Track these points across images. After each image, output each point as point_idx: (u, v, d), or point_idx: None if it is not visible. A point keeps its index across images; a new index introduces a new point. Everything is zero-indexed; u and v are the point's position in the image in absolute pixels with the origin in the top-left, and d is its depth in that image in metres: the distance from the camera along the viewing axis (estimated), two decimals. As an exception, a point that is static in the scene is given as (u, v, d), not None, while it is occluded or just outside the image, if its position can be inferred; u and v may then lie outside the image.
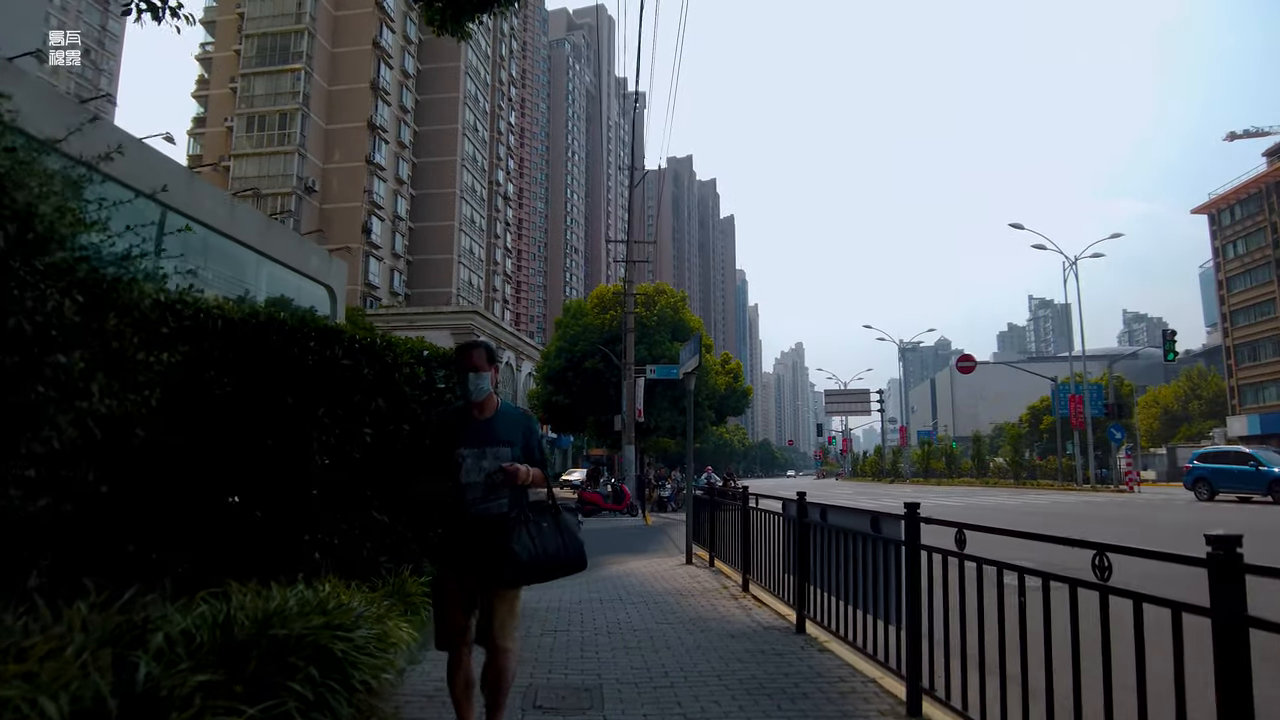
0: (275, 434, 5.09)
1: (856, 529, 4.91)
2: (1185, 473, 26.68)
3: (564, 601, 7.74)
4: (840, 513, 5.32)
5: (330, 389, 5.48)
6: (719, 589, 8.30)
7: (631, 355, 27.54)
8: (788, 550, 6.44)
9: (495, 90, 75.83)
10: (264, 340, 5.13)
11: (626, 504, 22.86)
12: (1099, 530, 14.93)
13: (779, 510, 6.75)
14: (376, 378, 5.75)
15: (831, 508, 5.50)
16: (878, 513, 4.63)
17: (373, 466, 5.68)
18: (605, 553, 13.48)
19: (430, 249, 61.95)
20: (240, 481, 4.96)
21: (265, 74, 53.67)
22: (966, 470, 54.09)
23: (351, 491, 5.53)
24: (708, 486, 14.09)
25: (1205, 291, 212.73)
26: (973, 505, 24.81)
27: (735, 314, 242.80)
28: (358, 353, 5.67)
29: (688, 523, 11.13)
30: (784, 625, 6.27)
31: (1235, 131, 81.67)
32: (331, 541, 5.25)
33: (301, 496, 5.16)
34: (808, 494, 6.26)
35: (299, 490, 5.18)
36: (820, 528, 5.61)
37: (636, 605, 7.39)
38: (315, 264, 24.85)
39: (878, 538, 4.56)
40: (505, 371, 51.22)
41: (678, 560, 11.16)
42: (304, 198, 52.31)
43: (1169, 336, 34.56)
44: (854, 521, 5.01)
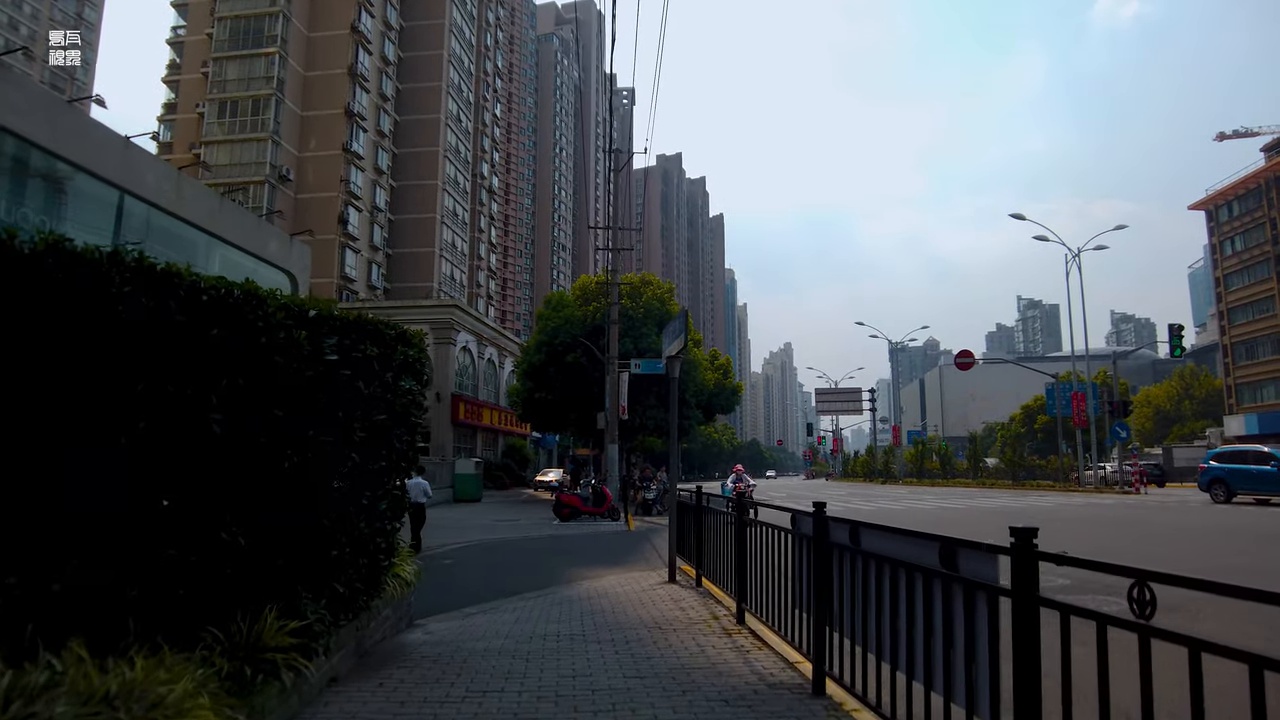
0: (61, 421, 3.45)
1: (911, 560, 3.32)
2: (1200, 473, 25.29)
3: (514, 638, 6.13)
4: (882, 535, 3.72)
5: (160, 357, 3.84)
6: (708, 619, 6.69)
7: (615, 348, 25.96)
8: (800, 579, 4.84)
9: (480, 81, 74.00)
10: (41, 278, 3.48)
11: (607, 507, 21.25)
12: (1208, 552, 13.50)
13: (787, 525, 5.14)
14: (234, 344, 4.11)
15: (868, 527, 3.90)
16: (953, 541, 3.04)
17: (227, 468, 4.04)
18: (578, 564, 11.88)
19: (411, 242, 60.10)
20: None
21: (238, 58, 51.69)
22: (962, 471, 52.74)
23: (191, 505, 3.89)
24: (736, 493, 12.34)
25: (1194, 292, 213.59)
26: (977, 508, 23.35)
27: (724, 313, 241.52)
28: (205, 308, 4.03)
29: (671, 533, 9.51)
30: (795, 681, 4.67)
31: (1225, 131, 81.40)
32: (132, 588, 3.59)
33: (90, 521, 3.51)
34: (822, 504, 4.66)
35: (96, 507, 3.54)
36: (850, 554, 4.02)
37: (603, 646, 5.77)
38: (274, 248, 23.05)
39: (952, 578, 2.97)
40: (488, 369, 49.49)
41: (659, 576, 9.56)
42: (278, 187, 50.38)
43: (1175, 332, 33.26)
44: (906, 549, 3.42)
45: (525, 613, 7.56)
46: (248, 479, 4.14)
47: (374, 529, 5.22)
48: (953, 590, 2.97)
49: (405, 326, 5.94)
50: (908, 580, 3.33)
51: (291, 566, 4.39)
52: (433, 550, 14.39)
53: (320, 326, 4.68)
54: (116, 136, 19.45)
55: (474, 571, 11.74)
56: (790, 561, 5.06)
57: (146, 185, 18.63)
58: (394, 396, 5.25)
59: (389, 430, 5.18)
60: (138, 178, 18.23)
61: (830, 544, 4.32)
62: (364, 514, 5.01)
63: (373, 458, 5.02)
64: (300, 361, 4.44)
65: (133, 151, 18.26)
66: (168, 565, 3.74)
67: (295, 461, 4.37)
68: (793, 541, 4.99)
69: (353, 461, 4.75)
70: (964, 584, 2.87)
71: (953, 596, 2.97)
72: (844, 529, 4.13)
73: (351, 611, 5.03)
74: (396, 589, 6.19)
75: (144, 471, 3.75)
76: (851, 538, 3.99)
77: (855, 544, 3.96)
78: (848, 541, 4.04)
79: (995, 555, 2.71)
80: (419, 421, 5.85)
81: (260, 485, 4.20)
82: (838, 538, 4.23)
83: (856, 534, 3.96)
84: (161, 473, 3.81)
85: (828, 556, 4.33)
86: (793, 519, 5.00)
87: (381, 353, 5.10)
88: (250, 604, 4.10)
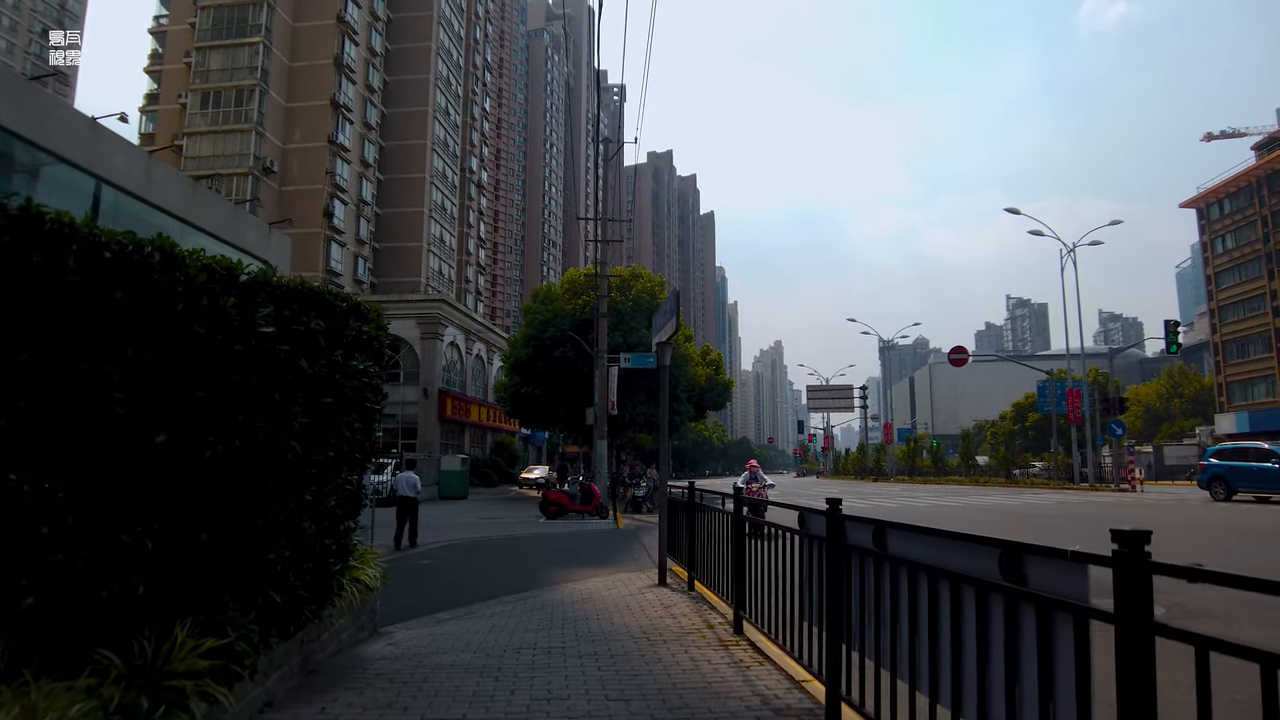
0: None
1: (955, 569, 2.70)
2: (1199, 470, 24.86)
3: (486, 650, 5.48)
4: (915, 538, 3.09)
5: (49, 324, 3.19)
6: (702, 628, 6.06)
7: (605, 342, 25.30)
8: (810, 587, 4.21)
9: (469, 74, 73.07)
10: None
11: (595, 504, 20.61)
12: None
13: (792, 525, 4.51)
14: (143, 310, 3.45)
15: (897, 529, 3.27)
16: (1018, 547, 2.41)
17: (131, 458, 3.39)
18: (564, 564, 11.24)
19: (398, 236, 59.17)
20: None
21: (221, 48, 50.61)
22: (954, 468, 52.33)
23: (85, 501, 3.23)
24: (748, 491, 11.50)
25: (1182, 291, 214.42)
26: (974, 506, 22.85)
27: (715, 311, 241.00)
28: (107, 266, 3.37)
29: (661, 532, 8.87)
30: (804, 705, 4.05)
31: (1213, 132, 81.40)
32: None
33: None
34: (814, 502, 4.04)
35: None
36: (873, 560, 3.39)
37: (585, 661, 5.13)
38: (253, 237, 22.24)
39: (1017, 593, 2.35)
40: (476, 364, 48.72)
41: (649, 578, 8.92)
42: (262, 179, 49.40)
43: (1171, 328, 32.87)
44: (947, 554, 2.80)
45: (502, 619, 6.93)
46: (159, 471, 3.48)
47: (322, 529, 4.55)
48: (1019, 609, 2.35)
49: (373, 306, 5.29)
50: (952, 593, 2.71)
51: (215, 573, 3.73)
52: (412, 550, 13.74)
53: (253, 294, 4.02)
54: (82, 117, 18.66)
55: (452, 572, 11.08)
56: (798, 566, 4.43)
57: (114, 168, 17.82)
58: (344, 378, 4.58)
59: (338, 416, 4.52)
60: (105, 160, 17.44)
61: (847, 547, 3.69)
62: (308, 512, 4.35)
63: (318, 448, 4.36)
64: (227, 333, 3.78)
65: (99, 133, 17.47)
66: (51, 573, 3.08)
67: (219, 451, 3.71)
68: (801, 544, 4.35)
69: (293, 452, 4.09)
70: (1037, 602, 2.25)
71: (1018, 617, 2.35)
72: (865, 530, 3.51)
73: (294, 624, 4.38)
74: (355, 595, 5.53)
75: (24, 460, 3.09)
76: (876, 541, 3.36)
77: (880, 548, 3.34)
78: (870, 545, 3.41)
79: (1085, 567, 2.09)
80: (376, 408, 5.17)
81: (175, 478, 3.54)
82: (857, 540, 3.60)
83: (882, 536, 3.34)
84: (47, 462, 3.16)
85: (845, 562, 3.71)
86: (801, 518, 4.37)
87: (330, 327, 4.43)
88: (160, 619, 3.44)
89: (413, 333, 41.86)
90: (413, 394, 41.33)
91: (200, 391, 3.64)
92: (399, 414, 41.63)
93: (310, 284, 4.45)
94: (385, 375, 5.43)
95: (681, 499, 8.31)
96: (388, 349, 5.35)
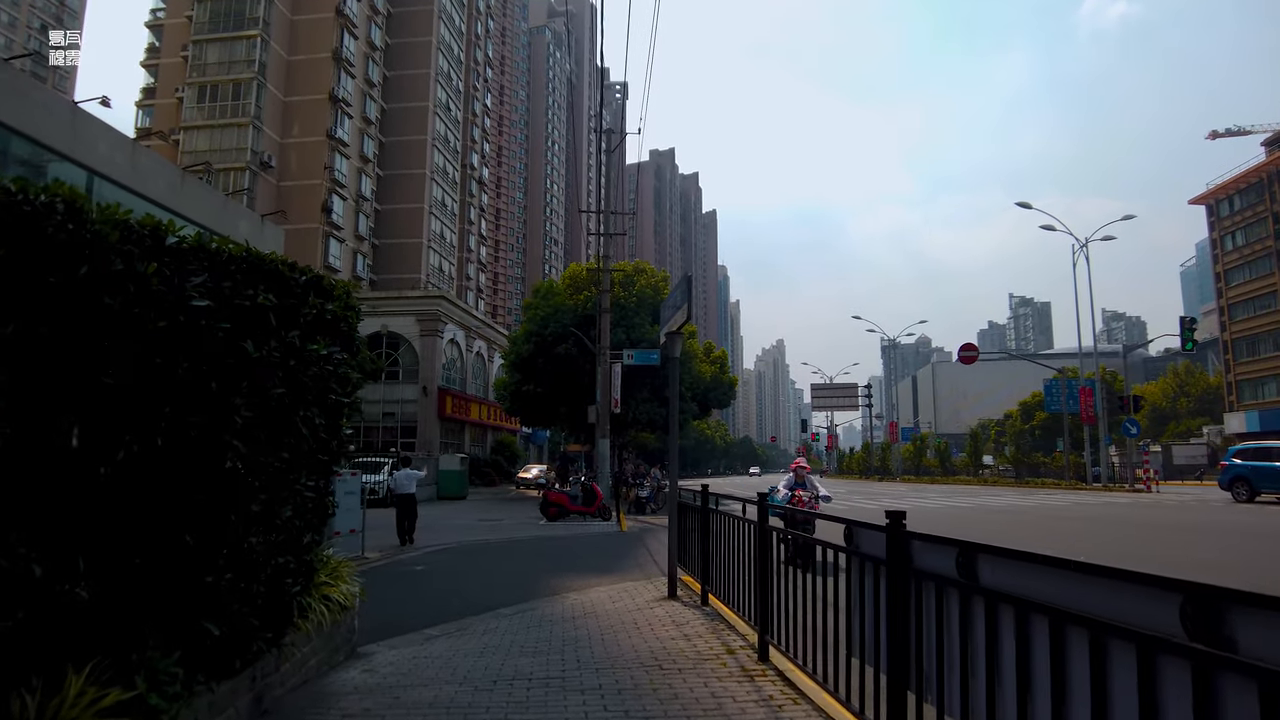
0: None
1: (1096, 612, 1.98)
2: (1221, 471, 24.10)
3: (473, 681, 4.75)
4: (1025, 568, 2.36)
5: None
6: (721, 653, 5.34)
7: (607, 338, 24.57)
8: (861, 616, 3.49)
9: (470, 70, 72.34)
10: None
11: (598, 506, 19.88)
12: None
13: (839, 542, 3.78)
14: (26, 273, 2.73)
15: (990, 552, 2.54)
16: (1209, 590, 1.68)
17: (11, 461, 2.67)
18: (564, 571, 10.53)
19: (398, 232, 58.44)
20: None
21: (218, 40, 49.88)
22: (962, 468, 51.54)
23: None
24: (796, 502, 9.50)
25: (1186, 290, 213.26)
26: (986, 508, 22.11)
27: (717, 310, 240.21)
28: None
29: (671, 540, 8.14)
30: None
31: (1218, 130, 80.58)
32: None
33: None
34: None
35: None
36: (955, 591, 2.66)
37: (588, 697, 4.41)
38: (245, 228, 21.56)
39: (1213, 659, 1.62)
40: (476, 362, 48.01)
41: (657, 590, 8.20)
42: (259, 173, 48.69)
43: (1186, 324, 32.13)
44: (1078, 591, 2.08)
45: (496, 637, 6.22)
46: (52, 478, 2.76)
47: (274, 545, 3.83)
48: (1219, 686, 1.62)
49: (343, 283, 4.57)
50: (1094, 650, 1.98)
51: (132, 604, 3.01)
52: (406, 553, 13.04)
53: (184, 260, 3.30)
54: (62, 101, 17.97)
55: (446, 579, 10.37)
56: (844, 590, 3.71)
57: (98, 155, 17.11)
58: (301, 364, 3.85)
59: (293, 410, 3.79)
60: (88, 147, 16.75)
61: (916, 573, 2.96)
62: (257, 526, 3.62)
63: (268, 448, 3.63)
64: (147, 306, 3.06)
65: (81, 118, 16.73)
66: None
67: (136, 452, 2.99)
68: (851, 565, 3.62)
69: (235, 453, 3.37)
70: (1263, 682, 1.52)
71: (1218, 697, 1.62)
72: (943, 553, 2.78)
73: (241, 657, 3.66)
74: (324, 616, 4.81)
75: None
76: (962, 568, 2.63)
77: (968, 577, 2.61)
78: (953, 573, 2.68)
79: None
80: (344, 400, 4.43)
81: (75, 486, 2.82)
82: (930, 564, 2.88)
83: (971, 563, 2.61)
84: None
85: (912, 591, 2.98)
86: (848, 533, 3.64)
87: (283, 303, 3.71)
88: (53, 664, 2.72)
89: (412, 330, 41.17)
90: (412, 392, 40.64)
91: (110, 378, 2.92)
92: (398, 412, 40.96)
93: (259, 252, 3.72)
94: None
95: (694, 503, 7.58)
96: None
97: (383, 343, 40.76)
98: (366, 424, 40.24)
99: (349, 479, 12.79)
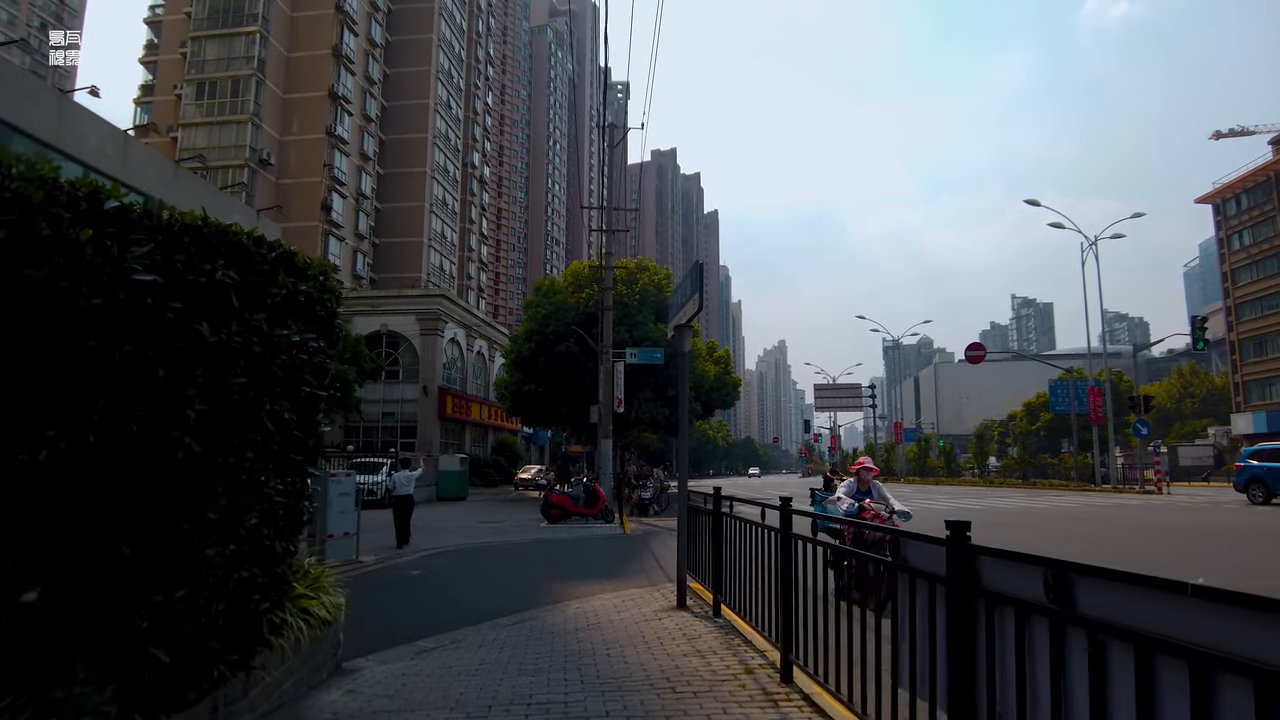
0: None
1: (1258, 657, 1.51)
2: (1236, 472, 23.61)
3: (467, 709, 4.29)
4: (1145, 597, 1.89)
5: None
6: (739, 672, 4.86)
7: (610, 337, 24.10)
8: (909, 640, 3.02)
9: (471, 68, 71.90)
10: None
11: (600, 508, 19.42)
12: None
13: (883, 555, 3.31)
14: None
15: (1089, 574, 2.07)
16: None
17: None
18: (566, 576, 10.07)
19: (398, 231, 57.98)
20: None
21: (217, 37, 49.45)
22: (966, 469, 51.01)
23: None
24: (868, 513, 7.27)
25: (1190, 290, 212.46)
26: (996, 509, 21.63)
27: (719, 310, 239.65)
28: None
29: (680, 545, 7.67)
30: (910, 814, 2.85)
31: (1221, 130, 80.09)
32: None
33: None
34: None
35: None
36: (1044, 620, 2.19)
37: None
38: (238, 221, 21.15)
39: None
40: (477, 362, 47.57)
41: (664, 598, 7.74)
42: (258, 171, 48.26)
43: (1198, 323, 31.59)
44: (1223, 627, 1.61)
45: (493, 651, 5.77)
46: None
47: (237, 556, 3.36)
48: None
49: (319, 261, 4.11)
50: (1262, 708, 1.52)
51: (58, 630, 2.55)
52: (402, 556, 12.60)
53: (127, 228, 2.83)
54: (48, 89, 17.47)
55: (442, 586, 9.91)
56: (897, 614, 3.23)
57: (86, 147, 16.64)
58: (269, 351, 3.38)
59: (258, 403, 3.32)
60: (76, 138, 16.28)
61: (987, 595, 2.50)
62: (215, 534, 3.16)
63: (228, 446, 3.17)
64: (80, 279, 2.60)
65: (68, 108, 16.27)
66: None
67: (64, 450, 2.53)
68: (899, 582, 3.15)
69: (187, 451, 2.91)
70: None
71: None
72: (1024, 573, 2.31)
73: (197, 687, 3.19)
74: (301, 633, 4.34)
75: None
76: (1054, 592, 2.16)
77: (1062, 603, 2.14)
78: (1040, 597, 2.21)
79: None
80: (319, 393, 3.95)
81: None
82: (1005, 585, 2.41)
83: (1066, 586, 2.14)
84: None
85: (980, 616, 2.52)
86: (895, 544, 3.17)
87: (247, 281, 3.24)
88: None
89: (412, 329, 40.74)
90: (412, 392, 40.20)
91: (34, 360, 2.46)
92: (398, 412, 40.52)
93: (219, 222, 3.26)
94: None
95: (705, 507, 7.11)
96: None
97: (382, 342, 40.33)
98: (366, 424, 39.81)
99: (343, 480, 12.35)
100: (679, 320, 7.27)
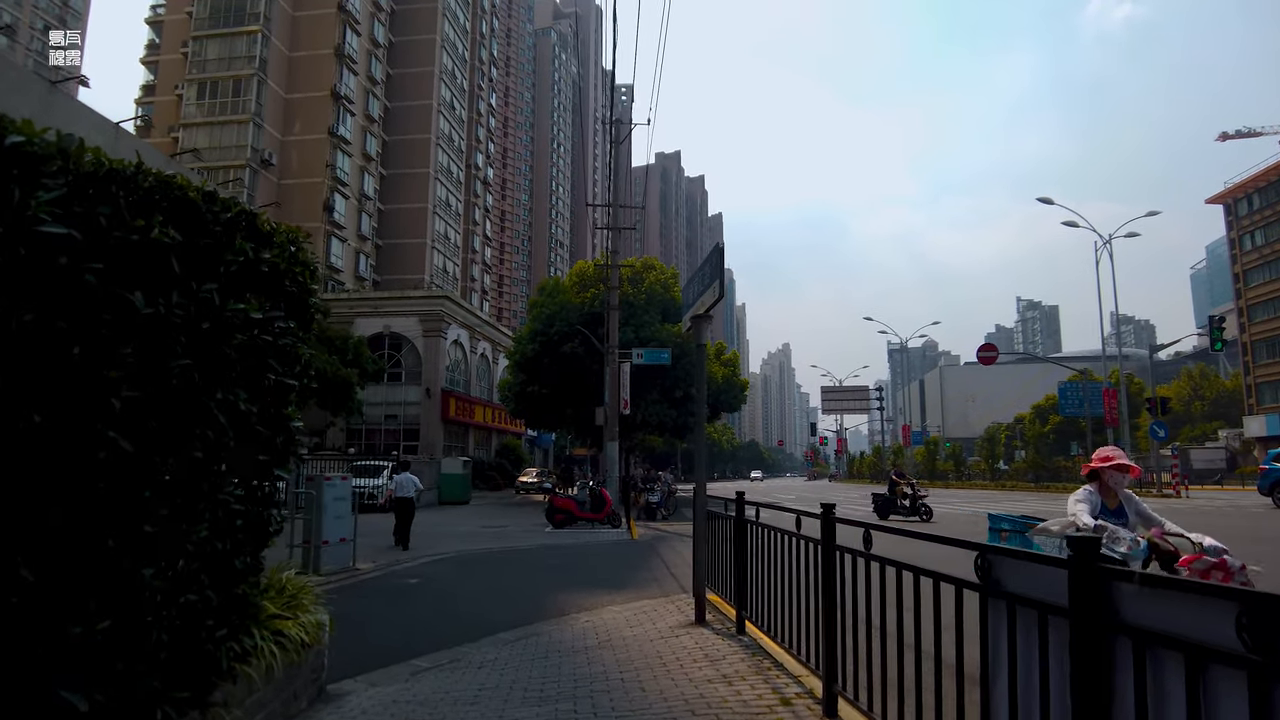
0: None
1: None
2: (1260, 475, 22.96)
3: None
4: None
5: None
6: (775, 703, 4.27)
7: (615, 337, 23.55)
8: (1014, 688, 2.43)
9: (474, 69, 71.49)
10: None
11: (607, 512, 18.84)
12: None
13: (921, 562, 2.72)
14: None
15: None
16: None
17: None
18: (573, 586, 9.50)
19: (401, 232, 57.53)
20: None
21: (219, 36, 49.09)
22: (976, 471, 50.33)
23: None
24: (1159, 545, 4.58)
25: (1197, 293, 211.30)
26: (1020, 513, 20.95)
27: (724, 313, 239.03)
28: None
29: (698, 555, 7.07)
30: None
31: (1228, 131, 79.31)
32: None
33: None
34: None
35: None
36: (1247, 672, 1.61)
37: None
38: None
39: None
40: (480, 364, 47.06)
41: (680, 611, 7.15)
42: (259, 171, 47.85)
43: (1216, 323, 30.89)
44: None
45: (494, 673, 5.21)
46: None
47: (184, 575, 2.79)
48: None
49: (290, 227, 3.54)
50: None
51: None
52: (400, 563, 12.03)
53: (32, 169, 2.27)
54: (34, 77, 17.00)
55: (442, 596, 9.34)
56: (973, 635, 2.65)
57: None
58: (221, 329, 2.80)
59: (205, 392, 2.73)
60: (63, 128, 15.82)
61: (1130, 632, 1.92)
62: (149, 552, 2.58)
63: (167, 443, 2.59)
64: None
65: (57, 98, 15.77)
66: None
67: None
68: (988, 611, 2.57)
69: (112, 449, 2.34)
70: None
71: None
72: (1195, 608, 1.73)
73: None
74: (273, 659, 3.77)
75: None
76: (1252, 635, 1.58)
77: (1264, 653, 1.56)
78: (1232, 641, 1.63)
79: None
80: (289, 383, 3.37)
81: None
82: (1160, 622, 1.83)
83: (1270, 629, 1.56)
84: None
85: (1116, 658, 1.94)
86: (982, 561, 2.59)
87: (192, 243, 2.67)
88: None
89: (415, 330, 40.26)
90: (415, 394, 39.71)
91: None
92: (400, 414, 40.03)
93: (160, 172, 2.69)
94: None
95: (725, 513, 6.53)
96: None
97: (385, 343, 39.85)
98: (368, 426, 39.33)
99: (339, 484, 11.79)
100: (697, 310, 6.71)
